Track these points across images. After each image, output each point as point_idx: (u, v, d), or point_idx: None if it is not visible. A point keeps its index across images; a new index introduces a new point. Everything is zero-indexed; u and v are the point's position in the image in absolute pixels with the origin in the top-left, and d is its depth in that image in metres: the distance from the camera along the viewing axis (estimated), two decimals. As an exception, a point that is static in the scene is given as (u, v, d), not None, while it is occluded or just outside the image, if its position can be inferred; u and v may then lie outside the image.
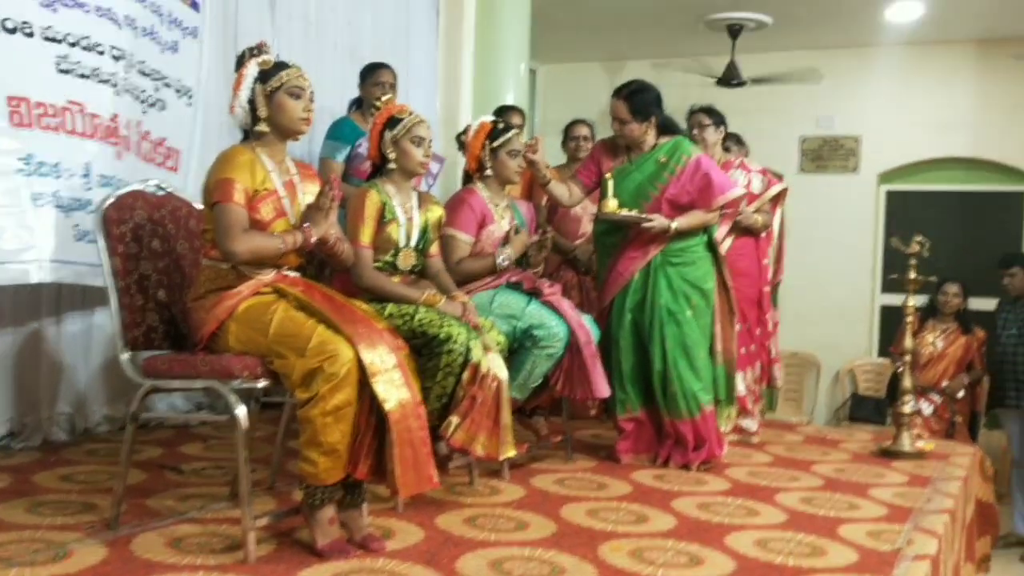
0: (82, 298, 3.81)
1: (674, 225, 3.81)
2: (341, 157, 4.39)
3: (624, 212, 3.84)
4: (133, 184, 2.84)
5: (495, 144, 3.73)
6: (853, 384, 8.05)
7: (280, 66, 2.68)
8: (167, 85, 3.86)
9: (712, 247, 4.00)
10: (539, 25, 6.58)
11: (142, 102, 3.71)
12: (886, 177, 8.19)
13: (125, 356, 2.66)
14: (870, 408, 7.47)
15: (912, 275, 4.58)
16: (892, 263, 7.48)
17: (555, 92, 8.98)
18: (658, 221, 3.80)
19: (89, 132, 3.39)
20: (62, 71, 3.31)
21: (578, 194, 4.10)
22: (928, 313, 6.45)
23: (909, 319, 4.69)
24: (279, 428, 3.27)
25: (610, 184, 3.83)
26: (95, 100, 3.42)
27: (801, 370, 8.16)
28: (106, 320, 3.91)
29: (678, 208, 3.86)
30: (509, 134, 3.74)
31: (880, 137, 8.06)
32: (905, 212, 8.08)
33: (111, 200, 2.71)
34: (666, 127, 3.97)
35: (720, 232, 4.31)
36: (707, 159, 3.98)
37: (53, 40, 3.29)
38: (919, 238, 4.57)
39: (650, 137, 3.94)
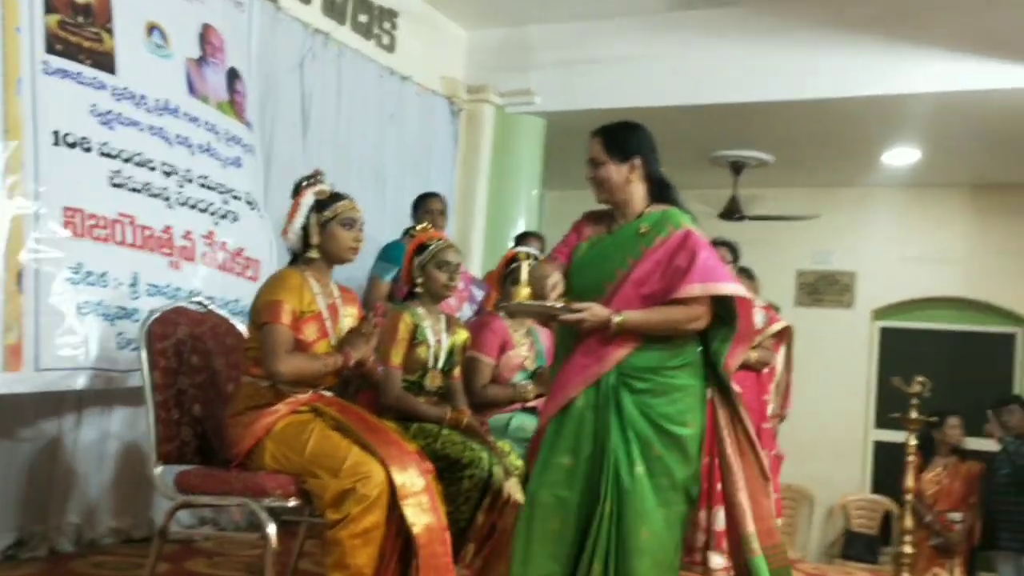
0: (101, 408, 3.82)
1: (616, 319, 2.58)
2: (388, 277, 4.61)
3: (533, 301, 2.74)
4: (178, 301, 2.91)
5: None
6: (846, 520, 8.01)
7: (335, 197, 2.81)
8: (236, 198, 3.97)
9: (717, 379, 2.80)
10: (550, 153, 6.80)
11: (211, 214, 3.83)
12: (880, 313, 8.31)
13: (158, 470, 2.69)
14: (862, 546, 7.41)
15: (914, 415, 4.66)
16: (887, 398, 7.53)
17: (561, 217, 9.14)
18: (591, 312, 2.58)
19: (139, 243, 3.48)
20: (115, 185, 3.42)
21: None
22: (927, 451, 6.45)
23: (911, 458, 4.74)
24: (295, 548, 3.27)
25: (524, 267, 3.05)
26: (146, 212, 3.52)
27: (796, 504, 8.11)
28: (122, 430, 3.91)
29: (645, 298, 2.65)
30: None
31: (875, 274, 8.19)
32: (898, 348, 8.18)
33: (155, 316, 2.78)
34: (662, 193, 2.82)
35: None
36: (702, 237, 2.74)
37: (108, 156, 3.41)
38: (921, 379, 4.67)
39: (637, 196, 2.78)
